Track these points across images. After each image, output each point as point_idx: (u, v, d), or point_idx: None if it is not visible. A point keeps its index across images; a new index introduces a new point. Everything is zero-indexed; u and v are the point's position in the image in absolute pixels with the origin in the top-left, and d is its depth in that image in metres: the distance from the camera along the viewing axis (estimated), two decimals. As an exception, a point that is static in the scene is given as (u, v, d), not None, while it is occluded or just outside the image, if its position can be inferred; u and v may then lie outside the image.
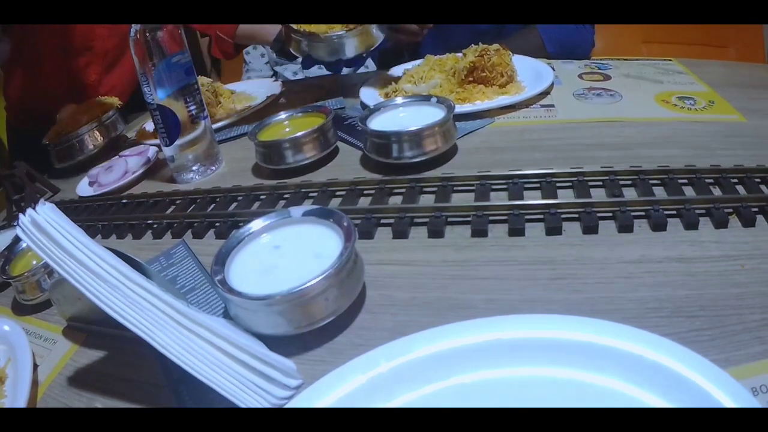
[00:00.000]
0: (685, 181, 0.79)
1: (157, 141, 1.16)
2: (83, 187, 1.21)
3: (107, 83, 1.74)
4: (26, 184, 1.20)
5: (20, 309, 0.87)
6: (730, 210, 0.73)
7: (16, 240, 0.91)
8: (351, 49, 1.24)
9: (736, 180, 0.78)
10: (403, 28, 1.31)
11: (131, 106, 1.62)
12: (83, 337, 0.76)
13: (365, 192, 0.91)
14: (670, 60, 1.33)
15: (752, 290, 0.61)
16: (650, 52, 2.12)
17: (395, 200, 0.88)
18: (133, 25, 1.00)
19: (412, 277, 0.72)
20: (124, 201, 1.09)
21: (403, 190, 0.89)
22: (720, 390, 0.43)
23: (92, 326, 0.75)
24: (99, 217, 1.07)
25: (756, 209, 0.72)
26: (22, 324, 0.80)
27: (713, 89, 1.13)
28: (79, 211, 1.13)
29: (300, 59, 1.31)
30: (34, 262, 0.85)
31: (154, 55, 1.00)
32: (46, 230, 0.58)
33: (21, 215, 0.60)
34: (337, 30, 1.21)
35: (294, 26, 1.23)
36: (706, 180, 0.78)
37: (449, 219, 0.80)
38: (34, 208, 0.59)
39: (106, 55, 1.70)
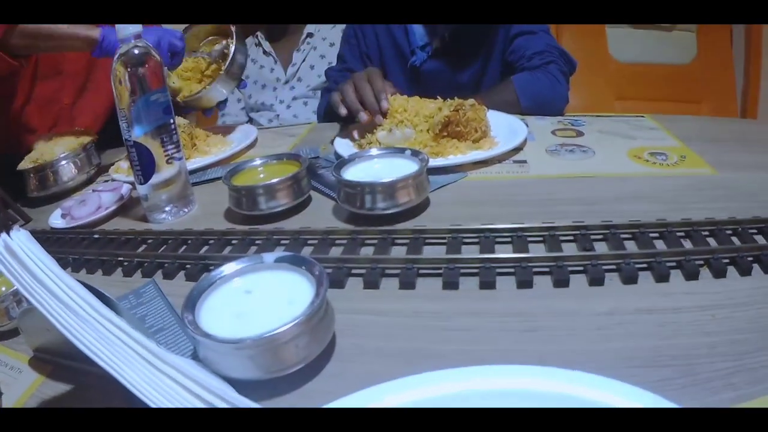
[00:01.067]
0: (656, 234, 0.80)
1: (131, 178, 1.15)
2: (56, 219, 1.19)
3: (81, 105, 1.73)
4: (-1, 209, 1.19)
5: (-14, 335, 0.85)
6: (701, 262, 0.74)
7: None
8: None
9: (707, 233, 0.80)
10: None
11: (109, 131, 1.60)
12: (50, 368, 0.74)
13: (337, 241, 0.91)
14: (642, 116, 1.36)
15: (724, 338, 0.62)
16: (623, 108, 2.18)
17: (367, 251, 0.88)
18: (114, 60, 1.00)
19: (382, 326, 0.72)
20: (96, 236, 1.08)
21: (375, 241, 0.89)
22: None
23: (60, 359, 0.73)
24: (70, 250, 1.05)
25: (727, 260, 0.73)
26: (-12, 350, 0.78)
27: (685, 144, 1.16)
28: (51, 242, 1.11)
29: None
30: (3, 289, 0.84)
31: (134, 91, 1.00)
32: (20, 257, 0.57)
33: (-7, 240, 0.59)
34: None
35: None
36: (677, 233, 0.80)
37: (420, 271, 0.80)
38: (8, 234, 0.58)
39: (77, 76, 1.69)
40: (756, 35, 2.24)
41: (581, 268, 0.76)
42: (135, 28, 1.00)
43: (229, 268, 0.72)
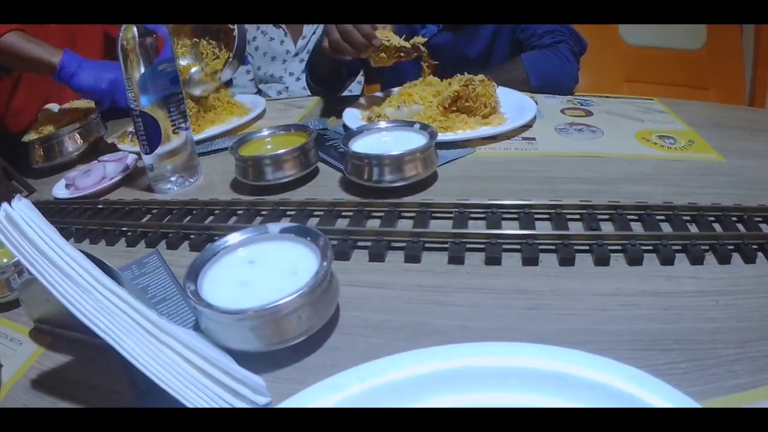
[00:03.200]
0: (663, 217, 0.80)
1: (137, 148, 1.15)
2: (59, 189, 1.19)
3: None
4: (2, 181, 1.19)
5: (-13, 306, 0.85)
6: (706, 247, 0.74)
7: (-12, 237, 0.89)
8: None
9: (712, 218, 0.79)
10: (347, 38, 1.27)
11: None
12: (50, 340, 0.74)
13: (343, 213, 0.91)
14: (651, 99, 1.35)
15: (726, 325, 0.61)
16: (632, 90, 2.16)
17: (373, 223, 0.87)
18: (122, 28, 0.99)
19: (386, 300, 0.72)
20: (99, 206, 1.07)
21: (381, 214, 0.89)
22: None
23: (60, 330, 0.73)
24: (73, 221, 1.05)
25: (731, 247, 0.73)
26: (-12, 322, 0.78)
27: (693, 129, 1.15)
28: (54, 213, 1.11)
29: None
30: (5, 260, 0.84)
31: (141, 60, 1.00)
32: (20, 227, 0.57)
33: (-5, 210, 0.58)
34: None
35: None
36: (683, 217, 0.79)
37: (426, 245, 0.80)
38: (9, 204, 0.58)
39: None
40: (766, 24, 2.22)
41: (587, 248, 0.75)
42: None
43: (233, 238, 0.72)
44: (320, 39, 1.51)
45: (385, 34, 1.26)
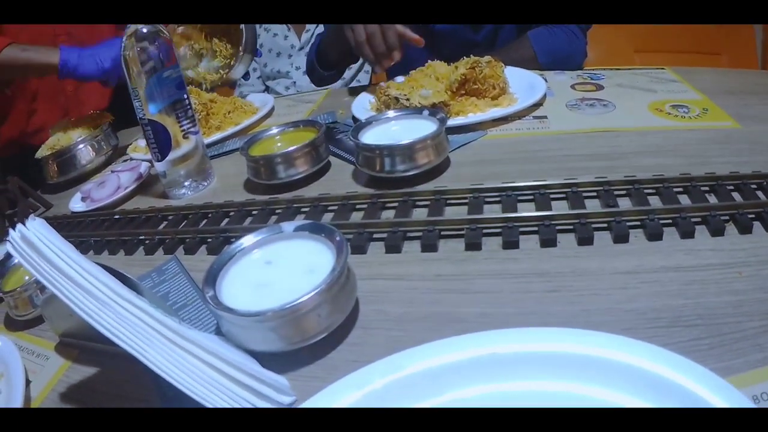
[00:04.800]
0: (681, 189, 0.79)
1: (149, 156, 1.15)
2: (76, 203, 1.20)
3: (85, 88, 1.76)
4: (19, 199, 1.20)
5: (12, 324, 0.86)
6: (727, 217, 0.72)
7: (8, 255, 0.90)
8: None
9: (731, 187, 0.78)
10: (373, 44, 1.29)
11: (119, 105, 1.62)
12: (76, 353, 0.75)
13: (357, 206, 0.91)
14: (662, 68, 1.33)
15: (750, 297, 0.60)
16: (642, 61, 2.13)
17: (388, 214, 0.87)
18: (124, 39, 0.99)
19: (405, 291, 0.72)
20: (116, 217, 1.08)
21: (395, 204, 0.88)
22: (720, 399, 0.42)
23: (85, 342, 0.74)
24: (91, 233, 1.06)
25: (752, 215, 0.71)
26: (15, 339, 0.79)
27: (707, 96, 1.13)
28: (72, 227, 1.12)
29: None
30: (27, 278, 0.85)
31: (146, 69, 1.00)
32: (36, 246, 0.57)
33: (11, 230, 0.59)
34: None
35: None
36: (702, 188, 0.78)
37: (442, 233, 0.80)
38: (24, 224, 0.58)
39: None
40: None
41: (605, 225, 0.74)
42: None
43: (248, 240, 0.72)
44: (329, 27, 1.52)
45: None
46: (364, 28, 1.27)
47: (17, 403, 0.65)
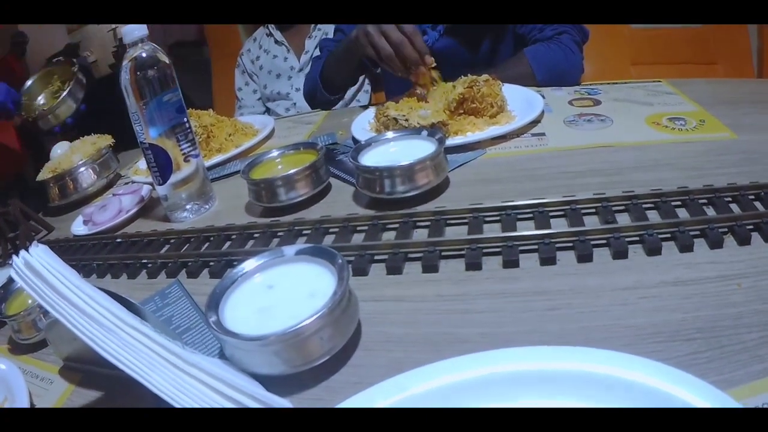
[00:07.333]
0: (679, 203, 0.79)
1: (150, 179, 1.16)
2: (78, 226, 1.21)
3: None
4: (20, 222, 1.21)
5: (16, 348, 0.86)
6: (725, 229, 0.73)
7: (11, 279, 0.90)
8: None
9: (729, 198, 0.78)
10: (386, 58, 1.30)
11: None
12: (80, 377, 0.76)
13: (358, 228, 0.91)
14: (659, 81, 1.34)
15: (749, 308, 0.60)
16: (639, 73, 2.14)
17: (388, 236, 0.88)
18: (123, 64, 1.00)
19: (406, 312, 0.72)
20: (118, 240, 1.09)
21: (396, 226, 0.89)
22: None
23: (89, 366, 0.75)
24: (94, 257, 1.06)
25: (751, 227, 0.72)
26: (19, 363, 0.79)
27: (703, 108, 1.13)
28: (74, 250, 1.13)
29: None
30: (30, 302, 0.85)
31: (146, 93, 1.01)
32: (40, 272, 0.58)
33: (14, 257, 0.59)
34: None
35: None
36: (700, 201, 0.78)
37: (443, 253, 0.80)
38: (27, 250, 0.59)
39: None
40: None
41: (604, 242, 0.75)
42: (141, 31, 1.00)
43: (250, 264, 0.73)
44: (338, 46, 1.52)
45: None
46: (386, 39, 1.28)
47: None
